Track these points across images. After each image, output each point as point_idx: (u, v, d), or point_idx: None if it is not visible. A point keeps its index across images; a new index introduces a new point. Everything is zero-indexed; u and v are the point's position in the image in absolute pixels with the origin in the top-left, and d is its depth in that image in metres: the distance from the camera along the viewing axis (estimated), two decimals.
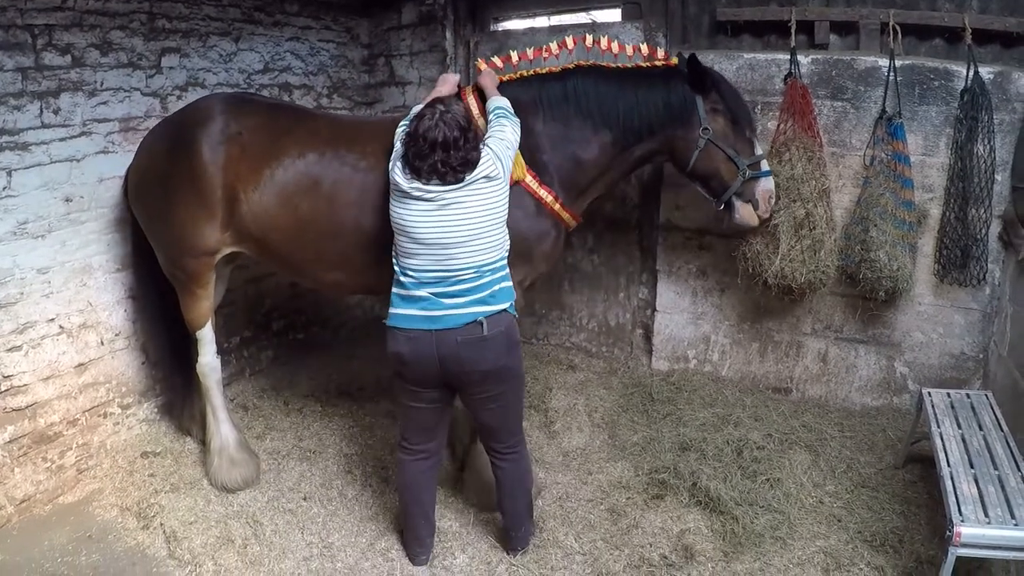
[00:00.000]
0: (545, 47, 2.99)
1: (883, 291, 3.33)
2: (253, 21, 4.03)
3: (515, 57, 2.99)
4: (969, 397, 3.05)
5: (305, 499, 3.12)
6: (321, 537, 2.88)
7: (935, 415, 2.89)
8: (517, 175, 2.73)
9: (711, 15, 3.89)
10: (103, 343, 3.43)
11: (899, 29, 3.37)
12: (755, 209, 3.05)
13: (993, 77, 3.26)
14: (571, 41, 3.00)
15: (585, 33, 3.13)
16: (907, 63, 3.39)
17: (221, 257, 3.07)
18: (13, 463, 3.04)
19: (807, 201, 3.25)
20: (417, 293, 2.39)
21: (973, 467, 2.48)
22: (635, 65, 2.97)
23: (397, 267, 2.46)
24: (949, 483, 2.39)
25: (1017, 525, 2.16)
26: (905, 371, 3.68)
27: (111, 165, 3.32)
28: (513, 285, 2.55)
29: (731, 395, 3.85)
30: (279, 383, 4.21)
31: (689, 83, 2.91)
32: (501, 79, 2.93)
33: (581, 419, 3.72)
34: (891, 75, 3.36)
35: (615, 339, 4.47)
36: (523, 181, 2.79)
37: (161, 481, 3.24)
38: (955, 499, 2.29)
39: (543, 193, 2.84)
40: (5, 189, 2.95)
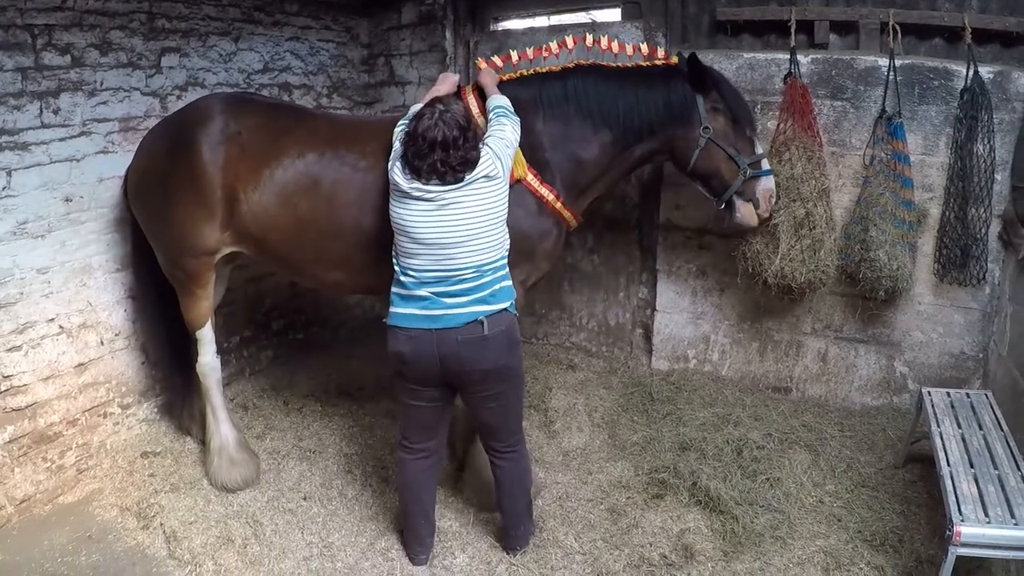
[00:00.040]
0: (545, 46, 2.99)
1: (883, 290, 3.33)
2: (253, 21, 4.03)
3: (515, 56, 2.99)
4: (969, 396, 3.05)
5: (305, 499, 3.12)
6: (321, 537, 2.88)
7: (935, 414, 2.89)
8: (518, 173, 2.73)
9: (711, 15, 3.89)
10: (103, 343, 3.43)
11: (899, 29, 3.37)
12: (756, 208, 3.05)
13: (993, 77, 3.26)
14: (571, 40, 3.00)
15: (585, 33, 3.13)
16: (907, 63, 3.40)
17: (221, 257, 3.06)
18: (13, 463, 3.04)
19: (807, 201, 3.25)
20: (418, 293, 2.39)
21: (973, 466, 2.48)
22: (635, 64, 2.97)
23: (397, 267, 2.45)
24: (949, 482, 2.39)
25: (1017, 524, 2.16)
26: (905, 370, 3.69)
27: (111, 165, 3.32)
28: (515, 284, 2.55)
29: (731, 395, 3.86)
30: (279, 383, 4.21)
31: (689, 82, 2.91)
32: (501, 78, 2.93)
33: (581, 419, 3.72)
34: (891, 75, 3.36)
35: (615, 339, 4.47)
36: (524, 179, 2.78)
37: (161, 481, 3.24)
38: (955, 498, 2.29)
39: (544, 191, 2.84)
40: (5, 189, 2.95)
